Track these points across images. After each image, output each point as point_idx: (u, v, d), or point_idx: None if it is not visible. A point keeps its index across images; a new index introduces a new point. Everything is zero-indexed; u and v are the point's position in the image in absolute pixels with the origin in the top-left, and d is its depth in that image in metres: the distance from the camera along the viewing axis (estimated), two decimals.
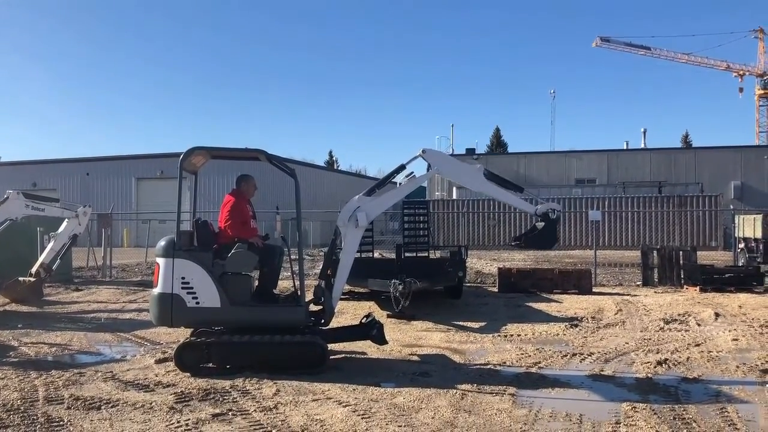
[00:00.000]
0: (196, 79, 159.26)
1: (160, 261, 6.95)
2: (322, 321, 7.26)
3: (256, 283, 7.46)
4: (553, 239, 8.14)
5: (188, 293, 6.80)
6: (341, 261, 7.35)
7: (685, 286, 14.49)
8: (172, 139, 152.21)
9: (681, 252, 15.30)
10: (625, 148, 53.78)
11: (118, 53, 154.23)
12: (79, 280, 17.02)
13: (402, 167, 7.69)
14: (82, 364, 7.56)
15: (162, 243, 7.07)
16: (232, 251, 7.01)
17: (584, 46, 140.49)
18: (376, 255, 14.75)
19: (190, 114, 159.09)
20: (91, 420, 5.31)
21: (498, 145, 71.98)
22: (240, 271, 7.05)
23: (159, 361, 7.42)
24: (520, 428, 5.11)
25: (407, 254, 13.72)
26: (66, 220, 13.76)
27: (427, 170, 7.93)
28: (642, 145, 54.38)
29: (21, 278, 13.08)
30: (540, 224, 7.90)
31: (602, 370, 7.09)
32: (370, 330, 7.53)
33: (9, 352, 8.23)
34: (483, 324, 10.13)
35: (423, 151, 7.73)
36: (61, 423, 5.22)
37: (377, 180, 8.34)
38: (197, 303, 6.80)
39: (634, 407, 5.62)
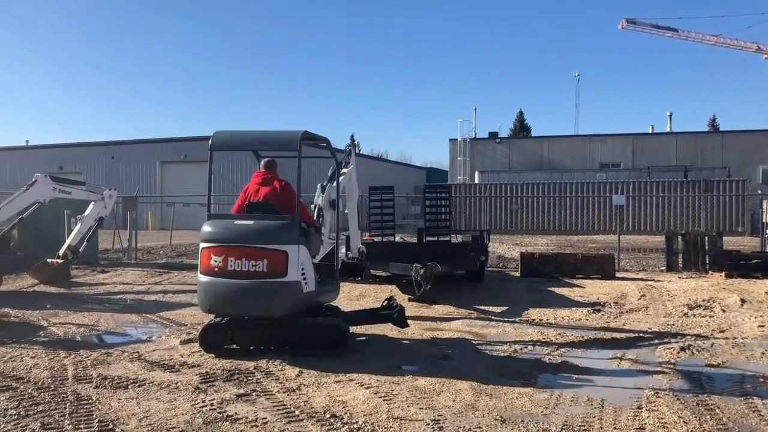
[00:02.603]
0: (218, 63, 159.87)
1: (287, 249, 6.61)
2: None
3: None
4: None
5: (303, 279, 6.74)
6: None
7: (710, 272, 14.32)
8: (196, 123, 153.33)
9: (706, 237, 15.13)
10: (650, 131, 53.12)
11: (143, 38, 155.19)
12: (105, 262, 17.27)
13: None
14: (109, 344, 7.72)
15: (284, 231, 6.71)
16: (313, 235, 7.21)
17: (610, 28, 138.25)
18: (398, 239, 14.74)
19: (213, 98, 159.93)
20: (119, 399, 5.42)
21: (521, 128, 71.39)
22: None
23: (184, 342, 7.54)
24: (542, 412, 5.12)
25: (429, 238, 13.72)
26: (92, 203, 13.95)
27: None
28: (668, 129, 53.62)
29: (49, 260, 13.32)
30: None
31: (624, 355, 7.07)
32: (392, 313, 7.58)
33: (39, 331, 8.41)
34: (505, 308, 10.13)
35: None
36: (90, 401, 5.33)
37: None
38: (306, 289, 6.76)
39: (657, 393, 5.60)
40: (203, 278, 6.81)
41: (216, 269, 6.66)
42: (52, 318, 9.31)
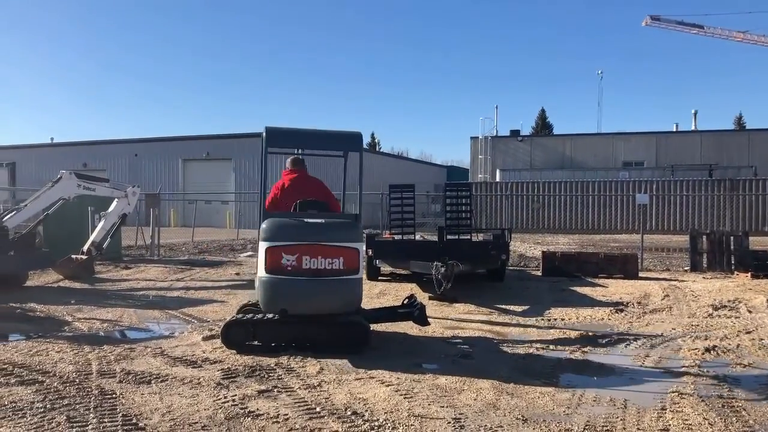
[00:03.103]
0: (241, 61, 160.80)
1: (358, 246, 6.89)
2: None
3: None
4: None
5: (362, 274, 7.13)
6: None
7: (735, 272, 14.13)
8: (219, 121, 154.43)
9: (732, 237, 14.92)
10: (674, 130, 52.47)
11: (163, 38, 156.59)
12: (129, 258, 17.46)
13: None
14: (132, 340, 7.80)
15: (354, 229, 6.93)
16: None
17: (634, 25, 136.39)
18: (418, 237, 14.72)
19: (235, 95, 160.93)
20: (142, 394, 5.47)
21: (543, 126, 70.98)
22: None
23: (206, 338, 7.59)
24: (563, 411, 5.08)
25: (449, 237, 13.68)
26: (116, 199, 14.10)
27: None
28: (693, 127, 52.94)
29: (73, 256, 13.48)
30: None
31: (648, 356, 6.99)
32: (412, 311, 7.55)
33: (63, 326, 8.52)
34: (526, 307, 10.07)
35: None
36: (114, 396, 5.39)
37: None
38: (362, 282, 7.14)
39: (681, 394, 5.52)
40: (270, 277, 6.68)
41: (289, 268, 6.62)
42: (77, 313, 9.42)
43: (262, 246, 6.73)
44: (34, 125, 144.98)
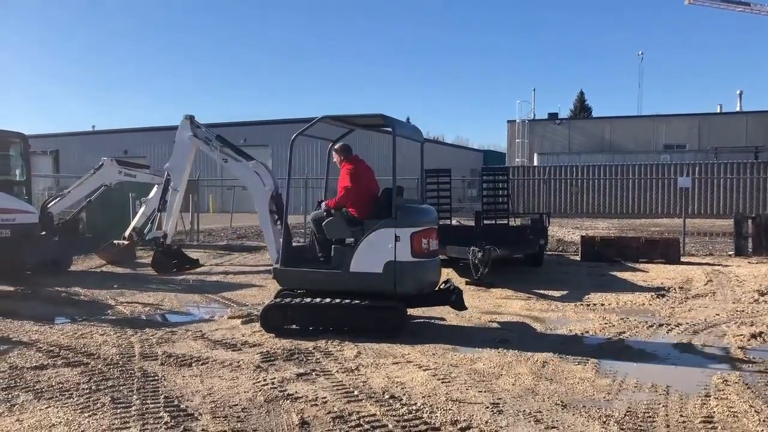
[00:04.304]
0: (277, 50, 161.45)
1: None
2: None
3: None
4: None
5: None
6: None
7: None
8: (255, 107, 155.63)
9: None
10: (718, 111, 51.06)
11: (198, 32, 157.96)
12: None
13: None
14: (173, 323, 7.94)
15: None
16: None
17: (676, 3, 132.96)
18: (454, 222, 14.64)
19: (271, 83, 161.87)
20: (183, 376, 5.57)
21: (582, 109, 69.63)
22: None
23: (245, 322, 7.68)
24: (604, 398, 5.01)
25: (486, 221, 13.58)
26: (156, 186, 14.31)
27: None
28: (737, 108, 51.43)
29: (116, 241, 13.76)
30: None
31: (691, 342, 6.85)
32: (449, 296, 7.52)
33: (107, 310, 8.72)
34: (565, 292, 9.95)
35: None
36: (156, 378, 5.50)
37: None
38: None
39: (726, 380, 5.40)
40: (415, 260, 6.95)
41: (425, 251, 7.11)
42: (119, 297, 9.63)
43: (405, 232, 6.89)
44: (76, 112, 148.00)
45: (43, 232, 11.89)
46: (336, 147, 7.78)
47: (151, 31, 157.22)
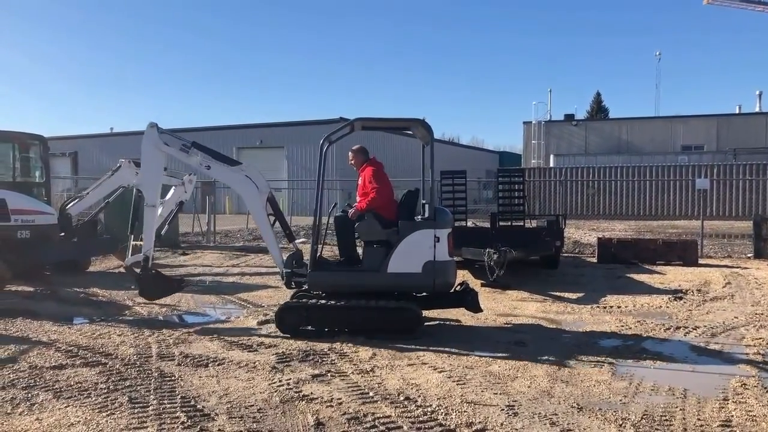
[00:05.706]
0: (293, 53, 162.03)
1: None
2: None
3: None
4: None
5: None
6: None
7: None
8: (272, 107, 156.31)
9: None
10: (737, 112, 50.50)
11: (220, 34, 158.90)
12: (185, 245, 17.85)
13: None
14: (190, 324, 7.99)
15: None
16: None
17: (694, 3, 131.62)
18: (470, 224, 14.60)
19: (287, 85, 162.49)
20: (200, 376, 5.61)
21: (598, 110, 69.15)
22: None
23: (261, 323, 7.72)
24: (620, 400, 4.98)
25: (502, 223, 13.53)
26: (173, 187, 14.38)
27: None
28: (757, 109, 50.80)
29: (133, 242, 13.83)
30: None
31: (708, 345, 6.80)
32: (465, 297, 7.51)
33: (124, 311, 8.80)
34: (581, 295, 9.90)
35: None
36: (173, 378, 5.54)
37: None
38: None
39: (744, 384, 5.35)
40: (452, 260, 7.24)
41: (453, 250, 7.31)
42: (137, 298, 9.67)
43: (443, 233, 7.08)
44: (95, 115, 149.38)
45: (62, 233, 12.00)
46: (354, 148, 7.79)
47: (172, 33, 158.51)
